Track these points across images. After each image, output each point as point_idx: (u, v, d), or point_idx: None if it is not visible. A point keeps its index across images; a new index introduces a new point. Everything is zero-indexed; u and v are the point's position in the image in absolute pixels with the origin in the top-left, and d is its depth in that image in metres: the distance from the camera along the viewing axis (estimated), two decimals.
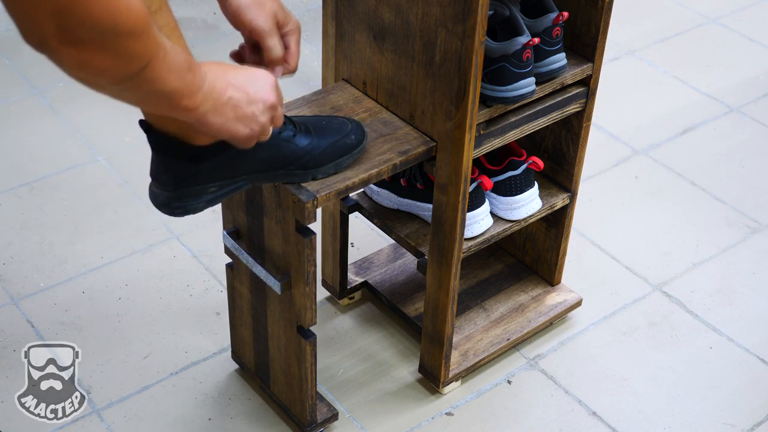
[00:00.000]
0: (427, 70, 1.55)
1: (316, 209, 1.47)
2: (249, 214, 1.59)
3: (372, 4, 1.59)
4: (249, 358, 1.79)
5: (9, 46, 2.72)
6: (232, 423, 1.78)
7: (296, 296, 1.56)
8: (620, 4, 2.91)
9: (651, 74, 2.77)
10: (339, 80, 1.73)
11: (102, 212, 2.20)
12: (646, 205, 2.32)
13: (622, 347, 1.97)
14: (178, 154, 1.37)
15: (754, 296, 2.09)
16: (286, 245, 1.53)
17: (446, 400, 1.84)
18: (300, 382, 1.66)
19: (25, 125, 2.44)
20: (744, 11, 3.08)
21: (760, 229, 2.26)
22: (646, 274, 2.13)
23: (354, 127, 1.53)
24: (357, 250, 2.12)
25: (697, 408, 1.86)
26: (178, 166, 1.38)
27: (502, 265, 2.03)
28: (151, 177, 1.41)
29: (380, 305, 2.01)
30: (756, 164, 2.45)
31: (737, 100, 2.67)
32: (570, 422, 1.81)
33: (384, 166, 1.53)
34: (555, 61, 1.63)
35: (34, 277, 2.03)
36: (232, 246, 1.64)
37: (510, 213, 1.77)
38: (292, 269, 1.54)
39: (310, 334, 1.61)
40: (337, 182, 1.50)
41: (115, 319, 1.96)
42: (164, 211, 1.42)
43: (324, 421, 1.73)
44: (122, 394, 1.81)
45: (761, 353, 1.97)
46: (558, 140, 1.83)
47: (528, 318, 1.93)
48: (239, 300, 1.73)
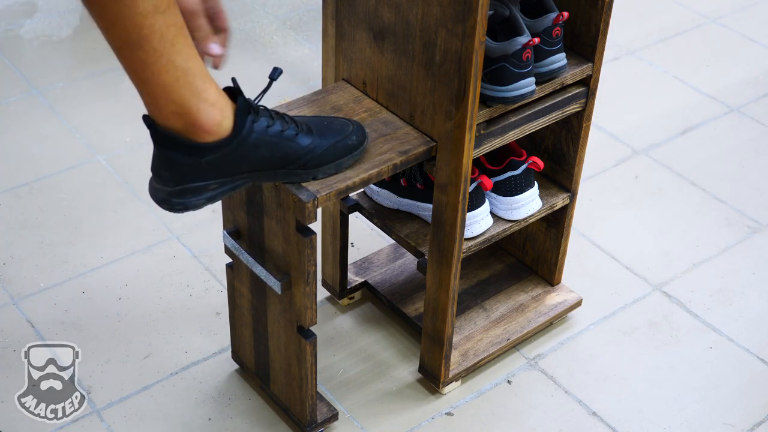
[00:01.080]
0: (427, 70, 1.55)
1: (316, 209, 1.47)
2: (249, 214, 1.59)
3: (372, 4, 1.59)
4: (249, 358, 1.79)
5: (9, 46, 2.72)
6: (232, 423, 1.78)
7: (296, 296, 1.56)
8: (620, 4, 2.91)
9: (651, 74, 2.77)
10: (339, 80, 1.73)
11: (102, 212, 2.20)
12: (646, 205, 2.32)
13: (622, 347, 1.97)
14: (179, 150, 1.38)
15: (754, 296, 2.09)
16: (287, 245, 1.53)
17: (446, 400, 1.84)
18: (300, 382, 1.66)
19: (25, 125, 2.44)
20: (744, 11, 3.08)
21: (760, 229, 2.26)
22: (646, 274, 2.13)
23: (355, 128, 1.54)
24: (357, 250, 2.12)
25: (697, 408, 1.86)
26: (180, 161, 1.39)
27: (502, 265, 2.03)
28: (152, 172, 1.42)
29: (380, 305, 2.01)
30: (756, 164, 2.45)
31: (737, 100, 2.67)
32: (570, 422, 1.81)
33: (384, 166, 1.53)
34: (555, 61, 1.63)
35: (34, 277, 2.03)
36: (232, 246, 1.64)
37: (510, 213, 1.77)
38: (292, 269, 1.54)
39: (311, 334, 1.61)
40: (337, 182, 1.50)
41: (115, 319, 1.96)
42: (164, 207, 1.43)
43: (324, 421, 1.73)
44: (122, 394, 1.81)
45: (761, 353, 1.97)
46: (558, 140, 1.83)
47: (528, 318, 1.93)
48: (239, 300, 1.73)
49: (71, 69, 2.63)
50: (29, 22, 2.82)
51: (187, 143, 1.37)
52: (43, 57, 2.68)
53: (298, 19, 2.88)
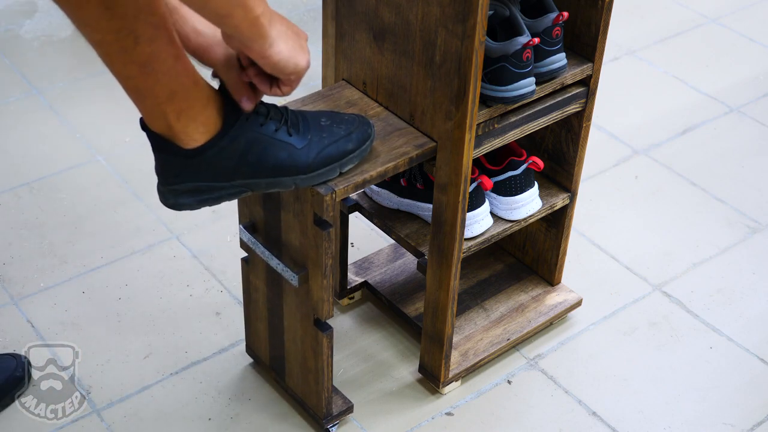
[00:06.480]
0: (427, 70, 1.55)
1: (335, 202, 1.48)
2: (265, 208, 1.60)
3: (372, 4, 1.59)
4: (264, 352, 1.79)
5: (9, 46, 2.72)
6: (232, 423, 1.78)
7: (314, 289, 1.57)
8: (620, 4, 2.91)
9: (651, 74, 2.77)
10: (339, 80, 1.73)
11: (102, 212, 2.20)
12: (646, 205, 2.32)
13: (622, 347, 1.97)
14: (169, 152, 1.40)
15: (754, 296, 2.10)
16: (304, 238, 1.53)
17: (446, 400, 1.84)
18: (316, 375, 1.67)
19: (25, 125, 2.44)
20: (744, 11, 3.08)
21: (760, 229, 2.26)
22: (646, 274, 2.13)
23: (356, 129, 1.52)
24: (357, 250, 2.12)
25: (697, 408, 1.86)
26: (168, 162, 1.41)
27: (502, 265, 2.03)
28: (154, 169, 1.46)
29: (380, 305, 2.01)
30: (756, 164, 2.45)
31: (737, 100, 2.67)
32: (570, 422, 1.81)
33: (401, 159, 1.55)
34: (555, 61, 1.63)
35: (34, 277, 2.03)
36: (248, 240, 1.65)
37: (510, 213, 1.77)
38: (309, 262, 1.55)
39: (327, 327, 1.62)
40: (355, 175, 1.50)
41: (115, 319, 1.96)
42: (165, 205, 1.46)
43: (339, 413, 1.74)
44: (122, 394, 1.81)
45: (761, 353, 1.97)
46: (558, 140, 1.83)
47: (528, 318, 1.93)
48: (254, 294, 1.73)
49: (71, 69, 2.63)
50: (29, 22, 2.82)
51: (175, 147, 1.39)
52: (43, 57, 2.68)
53: (298, 19, 2.88)
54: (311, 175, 1.46)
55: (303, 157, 1.45)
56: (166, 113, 1.33)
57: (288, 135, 1.45)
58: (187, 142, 1.38)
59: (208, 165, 1.41)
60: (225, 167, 1.42)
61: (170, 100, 1.31)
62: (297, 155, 1.45)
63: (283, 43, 1.33)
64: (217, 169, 1.42)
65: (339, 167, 1.49)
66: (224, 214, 2.19)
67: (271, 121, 1.44)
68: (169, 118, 1.34)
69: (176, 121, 1.34)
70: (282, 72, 1.36)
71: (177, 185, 1.43)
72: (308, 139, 1.46)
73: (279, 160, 1.44)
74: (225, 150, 1.40)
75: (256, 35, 1.29)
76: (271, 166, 1.44)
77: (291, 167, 1.45)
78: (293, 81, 1.40)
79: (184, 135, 1.37)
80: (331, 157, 1.47)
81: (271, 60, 1.33)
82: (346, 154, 1.49)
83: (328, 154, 1.47)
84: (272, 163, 1.44)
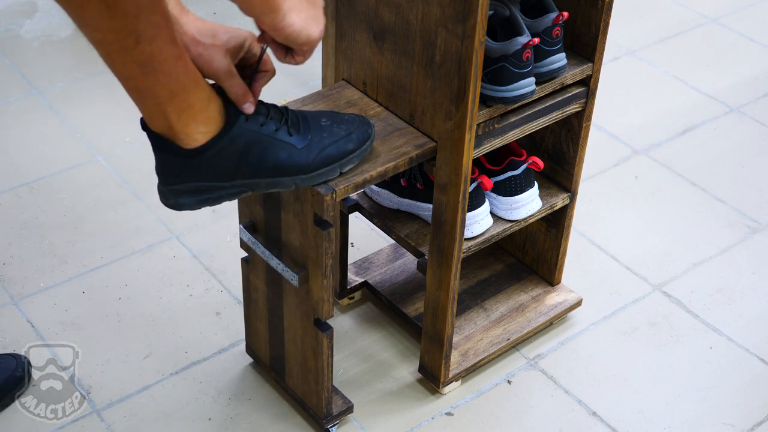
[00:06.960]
0: (427, 70, 1.55)
1: (335, 202, 1.48)
2: (266, 208, 1.60)
3: (372, 4, 1.59)
4: (264, 352, 1.79)
5: (9, 46, 2.72)
6: (232, 423, 1.78)
7: (314, 289, 1.57)
8: (620, 4, 2.91)
9: (651, 74, 2.77)
10: (339, 80, 1.73)
11: (102, 212, 2.20)
12: (646, 205, 2.32)
13: (622, 347, 1.97)
14: (169, 151, 1.40)
15: (754, 296, 2.10)
16: (304, 238, 1.54)
17: (446, 400, 1.84)
18: (316, 375, 1.67)
19: (25, 125, 2.44)
20: (744, 11, 3.08)
21: (760, 229, 2.26)
22: (646, 274, 2.13)
23: (356, 131, 1.52)
24: (357, 250, 2.12)
25: (697, 408, 1.86)
26: (169, 162, 1.41)
27: (502, 265, 2.03)
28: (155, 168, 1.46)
29: (380, 305, 2.01)
30: (756, 164, 2.45)
31: (737, 100, 2.67)
32: (570, 422, 1.81)
33: (401, 159, 1.54)
34: (555, 61, 1.63)
35: (34, 277, 2.03)
36: (248, 240, 1.65)
37: (510, 213, 1.77)
38: (309, 262, 1.55)
39: (327, 327, 1.62)
40: (355, 175, 1.50)
41: (115, 319, 1.96)
42: (165, 205, 1.47)
43: (339, 413, 1.74)
44: (122, 394, 1.81)
45: (761, 353, 1.97)
46: (558, 140, 1.83)
47: (528, 318, 1.93)
48: (255, 294, 1.73)
49: (71, 69, 2.63)
50: (29, 22, 2.82)
51: (175, 147, 1.39)
52: (43, 57, 2.68)
53: None
54: (311, 175, 1.46)
55: (303, 157, 1.45)
56: (167, 113, 1.33)
57: (288, 135, 1.45)
58: (188, 142, 1.38)
59: (208, 165, 1.41)
60: (225, 167, 1.42)
61: (171, 100, 1.31)
62: (297, 155, 1.45)
63: (296, 14, 1.33)
64: (218, 169, 1.42)
65: (339, 167, 1.49)
66: (224, 214, 2.19)
67: (272, 121, 1.44)
68: (169, 118, 1.34)
69: (177, 121, 1.35)
70: (294, 43, 1.36)
71: (177, 185, 1.43)
72: (308, 139, 1.46)
73: (279, 160, 1.44)
74: (225, 150, 1.40)
75: (267, 9, 1.30)
76: (271, 166, 1.44)
77: (291, 167, 1.45)
78: (306, 51, 1.40)
79: (185, 135, 1.37)
80: (332, 157, 1.47)
81: (283, 32, 1.34)
82: (347, 154, 1.49)
83: (329, 154, 1.47)
84: (272, 163, 1.44)
